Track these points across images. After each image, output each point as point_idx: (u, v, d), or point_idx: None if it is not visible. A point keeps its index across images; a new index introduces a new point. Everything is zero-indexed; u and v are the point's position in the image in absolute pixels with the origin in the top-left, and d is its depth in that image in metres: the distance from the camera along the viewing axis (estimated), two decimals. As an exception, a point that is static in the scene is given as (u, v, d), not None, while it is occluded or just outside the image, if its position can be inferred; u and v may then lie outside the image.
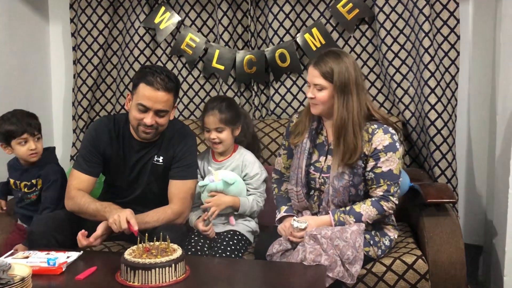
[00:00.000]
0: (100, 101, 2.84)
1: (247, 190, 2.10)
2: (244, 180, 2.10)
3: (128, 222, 1.73)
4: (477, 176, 2.55)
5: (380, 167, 1.80)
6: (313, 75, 1.82)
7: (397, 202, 1.83)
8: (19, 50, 2.64)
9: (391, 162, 1.80)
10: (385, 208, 1.80)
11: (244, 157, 2.14)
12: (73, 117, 2.81)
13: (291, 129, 2.00)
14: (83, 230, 1.80)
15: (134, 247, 1.57)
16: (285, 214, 1.94)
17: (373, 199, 1.81)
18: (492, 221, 2.33)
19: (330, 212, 1.83)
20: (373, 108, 1.87)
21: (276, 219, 1.98)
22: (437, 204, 1.92)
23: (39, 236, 1.81)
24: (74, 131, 2.81)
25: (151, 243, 1.58)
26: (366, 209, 1.80)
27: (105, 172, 2.08)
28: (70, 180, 1.99)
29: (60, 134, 2.95)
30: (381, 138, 1.81)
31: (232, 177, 2.02)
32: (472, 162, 2.56)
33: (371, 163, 1.81)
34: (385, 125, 1.85)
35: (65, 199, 1.97)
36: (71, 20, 2.77)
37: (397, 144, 1.83)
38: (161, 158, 2.01)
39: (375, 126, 1.83)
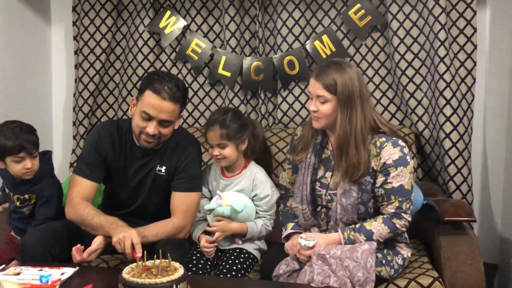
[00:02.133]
0: (102, 107, 2.75)
1: (256, 212, 1.98)
2: (253, 200, 1.98)
3: (133, 246, 1.62)
4: (493, 191, 2.44)
5: (391, 183, 1.70)
6: (316, 87, 1.72)
7: (410, 219, 1.72)
8: (20, 53, 2.56)
9: (402, 177, 1.70)
10: (397, 226, 1.70)
11: (255, 175, 1.99)
12: (74, 123, 2.72)
13: (294, 143, 1.91)
14: (78, 245, 1.69)
15: (133, 265, 1.47)
16: (292, 231, 1.84)
17: (385, 216, 1.71)
18: (509, 238, 2.23)
19: (339, 230, 1.73)
20: (380, 120, 1.77)
21: (283, 236, 1.87)
22: (454, 222, 1.81)
23: (32, 250, 1.71)
24: (74, 137, 2.72)
25: (151, 261, 1.48)
26: (377, 226, 1.69)
27: (105, 181, 1.99)
28: (71, 186, 1.88)
29: (60, 140, 2.86)
30: (390, 152, 1.71)
31: (241, 204, 1.91)
32: (488, 177, 2.45)
33: (380, 179, 1.71)
34: (394, 138, 1.75)
35: (65, 207, 1.85)
36: (74, 23, 2.69)
37: (408, 157, 1.73)
38: (164, 168, 1.91)
39: (384, 139, 1.73)
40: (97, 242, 1.71)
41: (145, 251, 1.50)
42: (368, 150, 1.73)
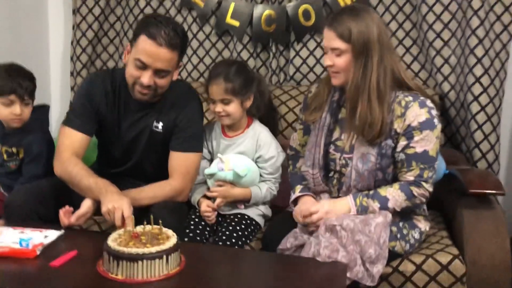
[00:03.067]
0: (102, 56, 2.57)
1: (260, 176, 1.81)
2: (257, 162, 1.81)
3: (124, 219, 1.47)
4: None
5: (413, 147, 1.52)
6: (330, 37, 1.52)
7: (431, 189, 1.55)
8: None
9: (427, 142, 1.52)
10: (415, 193, 1.53)
11: (259, 135, 1.82)
12: (71, 73, 2.55)
13: (308, 101, 1.72)
14: (66, 207, 1.55)
15: (121, 231, 1.33)
16: (300, 194, 1.67)
17: (402, 183, 1.54)
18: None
19: (350, 195, 1.55)
20: (406, 75, 1.58)
21: (291, 200, 1.71)
22: (479, 195, 1.63)
23: (17, 210, 1.58)
24: (72, 88, 2.56)
25: (142, 227, 1.34)
26: (393, 193, 1.52)
27: (98, 135, 1.83)
28: (60, 138, 1.72)
29: (57, 91, 2.69)
30: (416, 112, 1.52)
31: (244, 168, 1.74)
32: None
33: (402, 142, 1.53)
34: (422, 97, 1.55)
35: (54, 161, 1.70)
36: (71, -36, 2.48)
37: (436, 120, 1.54)
38: (161, 124, 1.74)
39: (410, 98, 1.54)
40: (87, 205, 1.56)
41: (133, 221, 1.35)
42: (392, 109, 1.54)
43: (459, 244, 1.62)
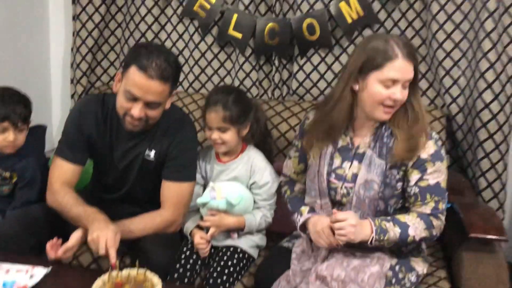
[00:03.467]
0: (102, 64, 2.52)
1: (255, 202, 1.78)
2: (251, 188, 1.77)
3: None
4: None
5: (427, 180, 1.47)
6: (409, 70, 1.44)
7: (445, 222, 1.50)
8: (12, 2, 2.31)
9: (439, 173, 1.48)
10: (434, 224, 1.47)
11: (254, 160, 1.79)
12: (71, 81, 2.51)
13: (306, 127, 1.65)
14: (54, 239, 1.53)
15: (105, 278, 1.31)
16: (309, 215, 1.59)
17: (420, 213, 1.48)
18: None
19: (369, 218, 1.48)
20: None
21: (299, 224, 1.62)
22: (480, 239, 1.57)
23: (7, 240, 1.56)
24: (72, 96, 2.52)
25: (127, 271, 1.31)
26: (412, 220, 1.46)
27: (92, 160, 1.80)
28: (52, 169, 1.70)
29: (58, 99, 2.65)
30: (426, 144, 1.47)
31: (237, 196, 1.69)
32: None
33: (415, 176, 1.48)
34: (429, 130, 1.50)
35: (47, 192, 1.69)
36: (70, -31, 2.41)
37: (443, 151, 1.51)
38: (153, 152, 1.70)
39: None
40: (75, 238, 1.54)
41: (117, 261, 1.33)
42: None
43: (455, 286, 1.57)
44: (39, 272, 1.41)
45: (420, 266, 1.57)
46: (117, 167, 1.73)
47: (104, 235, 1.43)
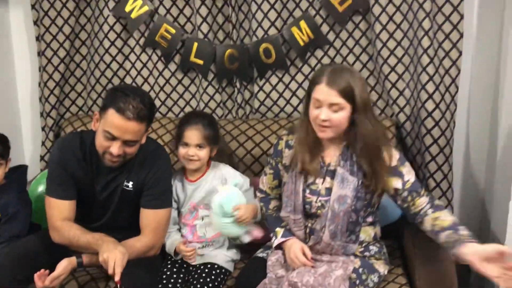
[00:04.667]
0: (70, 95, 2.61)
1: None
2: None
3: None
4: (475, 185, 2.39)
5: (409, 180, 1.70)
6: (329, 93, 1.60)
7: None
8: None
9: (411, 171, 1.73)
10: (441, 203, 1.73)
11: (222, 170, 1.98)
12: (41, 114, 2.59)
13: (281, 147, 1.83)
14: (42, 270, 1.63)
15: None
16: (284, 239, 1.77)
17: (431, 208, 1.69)
18: (488, 236, 2.21)
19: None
20: None
21: (274, 245, 1.80)
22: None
23: (-5, 277, 1.66)
24: (43, 129, 2.59)
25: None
26: (446, 214, 1.67)
27: None
28: (48, 210, 1.81)
29: (29, 132, 2.72)
30: (392, 153, 1.72)
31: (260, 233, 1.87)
32: (470, 171, 2.39)
33: (396, 182, 1.69)
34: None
35: (50, 232, 1.80)
36: (32, 7, 2.48)
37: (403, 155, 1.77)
38: (131, 183, 1.83)
39: None
40: (61, 267, 1.65)
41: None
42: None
43: (411, 283, 1.76)
44: (31, 305, 1.52)
45: (381, 268, 1.76)
46: (99, 198, 1.85)
47: (113, 256, 1.57)
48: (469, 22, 2.19)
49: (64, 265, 1.65)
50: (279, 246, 1.79)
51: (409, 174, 1.71)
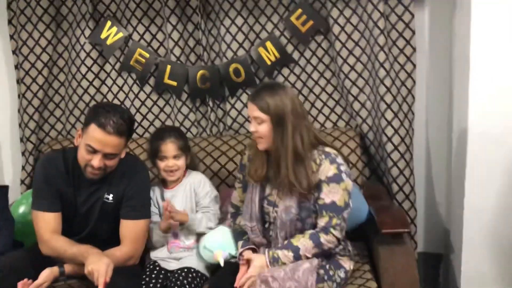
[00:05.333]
0: (49, 120, 2.70)
1: (197, 211, 2.11)
2: (197, 202, 2.12)
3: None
4: (437, 186, 2.55)
5: (323, 199, 1.78)
6: (252, 109, 1.80)
7: (339, 235, 1.78)
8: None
9: (334, 194, 1.77)
10: (322, 240, 1.76)
11: (195, 178, 2.15)
12: (21, 139, 2.67)
13: (244, 162, 1.95)
14: (25, 280, 1.71)
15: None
16: (242, 249, 1.89)
17: (313, 231, 1.79)
18: (452, 229, 2.35)
19: (266, 250, 1.80)
20: (319, 135, 1.86)
21: (238, 255, 1.92)
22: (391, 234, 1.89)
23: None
24: (23, 153, 2.67)
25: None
26: (303, 242, 1.77)
27: None
28: (36, 223, 1.90)
29: (9, 157, 2.80)
30: (326, 168, 1.78)
31: (227, 253, 1.97)
32: (431, 172, 2.55)
33: (316, 194, 1.79)
34: (333, 155, 1.81)
35: (38, 244, 1.89)
36: (11, 37, 2.61)
37: (344, 175, 1.79)
38: (111, 195, 1.93)
39: (323, 156, 1.80)
40: (44, 276, 1.73)
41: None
42: (311, 167, 1.78)
43: (377, 277, 1.87)
44: (15, 313, 1.58)
45: (347, 264, 1.87)
46: (80, 211, 1.94)
47: (97, 268, 1.66)
48: (421, 37, 2.38)
49: (47, 274, 1.73)
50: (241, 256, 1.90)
51: (327, 195, 1.76)
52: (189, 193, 2.11)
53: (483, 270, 2.12)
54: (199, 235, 2.05)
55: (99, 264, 1.68)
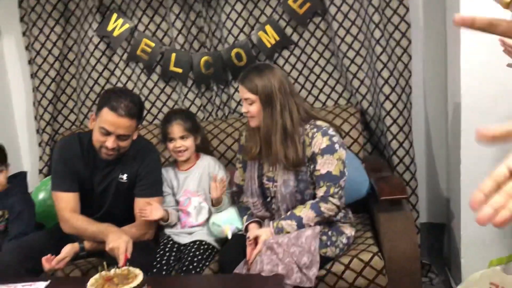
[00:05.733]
0: (63, 112, 2.84)
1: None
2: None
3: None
4: (437, 157, 2.63)
5: (319, 170, 1.87)
6: (242, 91, 1.90)
7: (338, 203, 1.86)
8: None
9: (329, 164, 1.85)
10: (323, 209, 1.85)
11: (209, 161, 2.24)
12: (37, 131, 2.81)
13: (242, 143, 2.06)
14: (49, 255, 1.84)
15: (97, 276, 1.62)
16: (247, 223, 2.00)
17: (313, 201, 1.87)
18: (453, 198, 2.43)
19: (271, 222, 1.90)
20: (311, 111, 1.95)
21: (243, 229, 2.04)
22: (390, 200, 1.98)
23: (6, 268, 1.85)
24: (39, 144, 2.81)
25: (113, 270, 1.63)
26: (305, 212, 1.86)
27: None
28: (57, 204, 2.02)
29: (26, 148, 2.95)
30: (319, 141, 1.87)
31: (234, 226, 2.08)
32: (431, 144, 2.63)
33: (312, 167, 1.89)
34: (325, 128, 1.89)
35: (60, 222, 2.01)
36: (23, 34, 2.74)
37: (337, 145, 1.88)
38: (125, 175, 2.05)
39: (315, 130, 1.89)
40: (65, 251, 1.86)
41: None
42: (303, 141, 1.88)
43: (379, 243, 1.97)
44: (41, 285, 1.71)
45: (348, 230, 1.97)
46: (96, 191, 2.06)
47: (117, 246, 1.78)
48: (415, 13, 2.45)
49: (68, 249, 1.86)
50: (247, 229, 2.01)
51: (323, 166, 1.84)
52: (203, 175, 2.20)
53: (482, 235, 2.19)
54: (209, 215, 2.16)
55: (119, 242, 1.80)
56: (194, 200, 2.18)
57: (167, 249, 2.05)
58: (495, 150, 2.11)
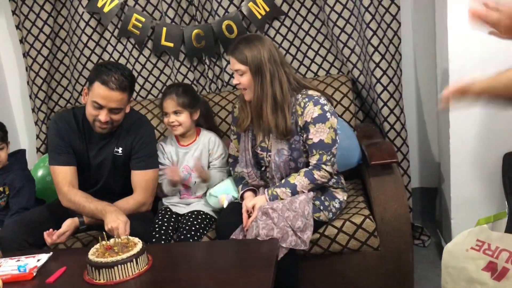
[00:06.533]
0: (57, 90, 2.86)
1: (208, 167, 2.24)
2: (210, 162, 2.25)
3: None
4: (428, 123, 2.67)
5: (311, 139, 1.91)
6: (232, 62, 1.93)
7: (331, 170, 1.91)
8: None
9: (321, 133, 1.90)
10: (316, 177, 1.90)
11: (210, 139, 2.26)
12: (33, 110, 2.83)
13: (235, 115, 2.10)
14: (50, 230, 1.89)
15: (98, 246, 1.68)
16: (242, 191, 2.05)
17: (307, 169, 1.92)
18: (445, 163, 2.48)
19: (266, 189, 1.95)
20: (302, 81, 1.98)
21: (239, 197, 2.08)
22: (380, 164, 2.03)
23: (9, 242, 1.91)
24: (36, 123, 2.84)
25: (113, 240, 1.69)
26: (299, 179, 1.91)
27: None
28: (54, 178, 2.05)
29: (23, 127, 2.98)
30: (311, 110, 1.91)
31: (231, 196, 2.12)
32: (422, 110, 2.67)
33: (304, 136, 1.93)
34: (316, 97, 1.93)
35: (58, 196, 2.04)
36: (13, 12, 2.73)
37: (328, 114, 1.92)
38: (121, 149, 2.08)
39: (306, 99, 1.93)
40: (66, 225, 1.91)
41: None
42: (295, 111, 1.92)
43: (370, 207, 2.03)
44: (44, 256, 1.77)
45: (340, 195, 2.03)
46: (92, 165, 2.10)
47: (116, 226, 1.81)
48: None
49: (69, 223, 1.91)
50: (242, 198, 2.06)
51: (315, 135, 1.89)
52: (203, 152, 2.23)
53: (471, 196, 2.25)
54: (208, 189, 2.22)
55: (117, 222, 1.83)
56: (194, 176, 2.21)
57: (165, 219, 2.10)
58: (484, 113, 2.16)
